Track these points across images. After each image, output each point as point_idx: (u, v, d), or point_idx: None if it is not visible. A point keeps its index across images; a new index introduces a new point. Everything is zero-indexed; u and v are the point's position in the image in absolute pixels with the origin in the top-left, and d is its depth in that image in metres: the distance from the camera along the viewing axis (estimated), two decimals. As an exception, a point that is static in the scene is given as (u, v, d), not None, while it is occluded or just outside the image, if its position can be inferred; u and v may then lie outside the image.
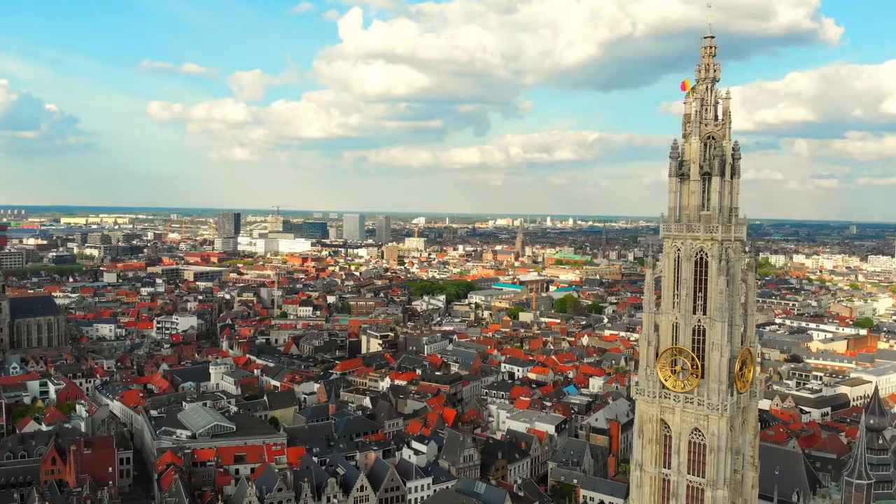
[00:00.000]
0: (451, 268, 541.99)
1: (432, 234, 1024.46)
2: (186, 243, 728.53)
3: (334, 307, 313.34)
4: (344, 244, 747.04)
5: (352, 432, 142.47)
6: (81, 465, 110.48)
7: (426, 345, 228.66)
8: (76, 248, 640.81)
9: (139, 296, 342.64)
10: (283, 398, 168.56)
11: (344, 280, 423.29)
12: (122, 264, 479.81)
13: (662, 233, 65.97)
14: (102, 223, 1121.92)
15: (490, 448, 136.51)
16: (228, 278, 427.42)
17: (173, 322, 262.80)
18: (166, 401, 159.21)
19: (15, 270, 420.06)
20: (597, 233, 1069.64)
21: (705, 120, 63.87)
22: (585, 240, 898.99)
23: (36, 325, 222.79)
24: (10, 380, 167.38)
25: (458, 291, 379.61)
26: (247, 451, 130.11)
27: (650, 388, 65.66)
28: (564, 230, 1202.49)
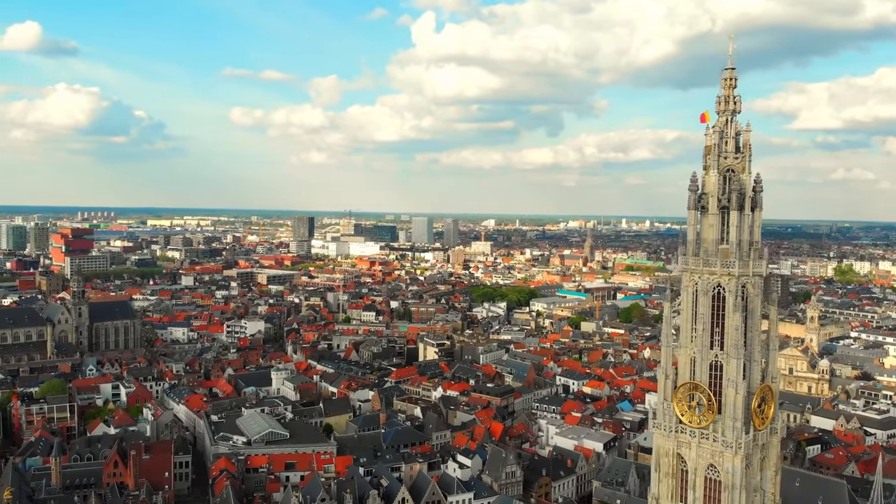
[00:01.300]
0: (516, 273, 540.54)
1: (501, 237, 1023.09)
2: (263, 246, 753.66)
3: (396, 313, 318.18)
4: (411, 248, 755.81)
5: (399, 443, 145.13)
6: (140, 469, 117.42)
7: (482, 354, 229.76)
8: (159, 250, 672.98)
9: (213, 299, 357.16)
10: (338, 405, 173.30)
11: (408, 284, 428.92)
12: (200, 267, 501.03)
13: (681, 266, 65.50)
14: (186, 225, 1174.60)
15: (535, 464, 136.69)
16: (299, 282, 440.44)
17: (242, 326, 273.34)
18: (227, 405, 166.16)
19: (99, 273, 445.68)
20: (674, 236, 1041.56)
21: (724, 153, 63.03)
22: (661, 243, 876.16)
23: (113, 329, 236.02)
24: (85, 382, 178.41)
25: (520, 298, 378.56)
26: (297, 459, 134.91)
27: (666, 423, 65.25)
28: (640, 233, 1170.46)
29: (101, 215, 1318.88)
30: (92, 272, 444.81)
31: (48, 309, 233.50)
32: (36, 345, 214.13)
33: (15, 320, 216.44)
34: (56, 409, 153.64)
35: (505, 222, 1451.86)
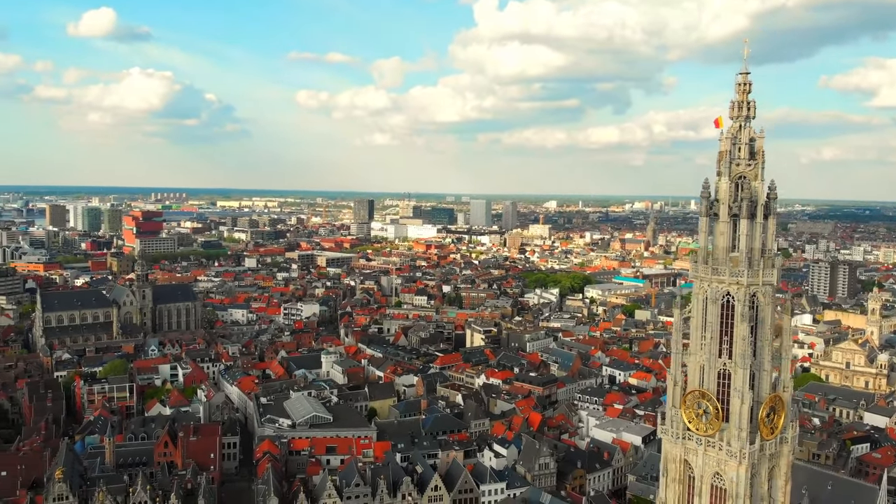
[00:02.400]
0: (573, 257, 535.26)
1: (562, 219, 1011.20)
2: (325, 228, 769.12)
3: (448, 297, 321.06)
4: (468, 231, 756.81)
5: (438, 429, 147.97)
6: (188, 450, 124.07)
7: (528, 342, 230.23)
8: (226, 231, 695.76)
9: (274, 281, 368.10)
10: (382, 390, 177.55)
11: (462, 268, 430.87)
12: (264, 249, 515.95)
13: (691, 273, 65.07)
14: (254, 206, 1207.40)
15: (570, 456, 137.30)
16: (357, 265, 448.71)
17: (298, 309, 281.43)
18: (278, 388, 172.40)
19: (167, 254, 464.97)
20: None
21: (737, 159, 62.09)
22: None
23: (175, 310, 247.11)
24: (145, 363, 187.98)
25: (574, 284, 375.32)
26: (338, 443, 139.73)
27: (674, 429, 65.34)
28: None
29: (174, 196, 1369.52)
30: (160, 254, 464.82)
31: (114, 291, 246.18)
32: (102, 325, 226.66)
33: (83, 302, 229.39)
34: (116, 389, 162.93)
35: (567, 204, 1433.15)
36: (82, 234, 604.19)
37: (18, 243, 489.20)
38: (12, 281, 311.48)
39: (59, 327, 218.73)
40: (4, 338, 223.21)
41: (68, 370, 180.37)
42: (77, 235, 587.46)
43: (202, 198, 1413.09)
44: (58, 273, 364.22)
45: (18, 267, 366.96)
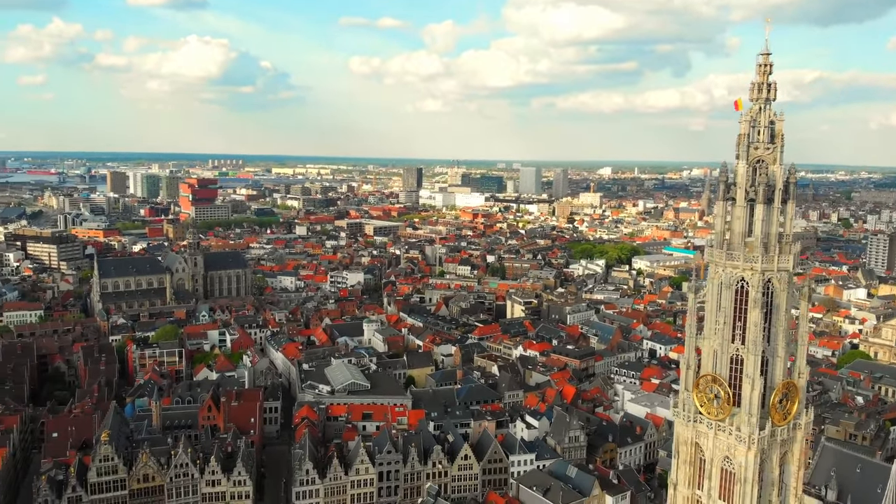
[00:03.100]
0: (623, 227, 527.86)
1: (615, 187, 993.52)
2: (375, 196, 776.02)
3: (491, 268, 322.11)
4: (516, 199, 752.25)
5: (472, 399, 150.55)
6: (229, 414, 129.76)
7: (569, 314, 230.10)
8: (280, 198, 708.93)
9: (323, 248, 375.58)
10: (421, 359, 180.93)
11: (508, 238, 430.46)
12: (315, 217, 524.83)
13: (706, 257, 64.63)
14: (307, 174, 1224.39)
15: (602, 430, 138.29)
16: (403, 233, 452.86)
17: (343, 277, 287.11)
18: (320, 354, 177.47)
19: (221, 222, 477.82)
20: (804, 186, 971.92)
21: (755, 143, 60.93)
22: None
23: (226, 277, 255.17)
24: (194, 329, 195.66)
25: (621, 255, 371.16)
26: (374, 410, 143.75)
27: (686, 412, 65.65)
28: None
29: (231, 163, 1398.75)
30: (215, 221, 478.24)
31: (168, 258, 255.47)
32: (156, 291, 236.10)
33: (138, 269, 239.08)
34: (166, 354, 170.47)
35: (622, 170, 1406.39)
36: (141, 200, 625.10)
37: (79, 210, 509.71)
38: (73, 247, 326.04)
39: (115, 293, 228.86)
40: (64, 302, 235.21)
41: (122, 335, 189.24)
42: (136, 202, 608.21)
43: (258, 165, 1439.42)
44: (116, 239, 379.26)
45: (79, 233, 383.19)
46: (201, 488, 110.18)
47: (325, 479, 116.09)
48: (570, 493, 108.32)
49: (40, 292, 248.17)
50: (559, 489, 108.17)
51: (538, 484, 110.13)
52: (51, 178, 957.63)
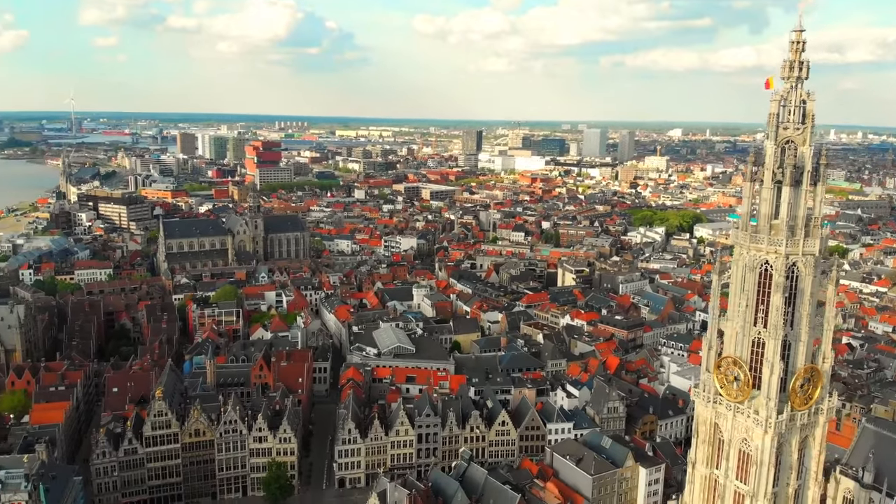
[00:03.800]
0: (688, 193, 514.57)
1: (684, 150, 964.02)
2: (434, 159, 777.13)
3: (545, 235, 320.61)
4: (578, 163, 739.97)
5: (514, 367, 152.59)
6: (279, 374, 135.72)
7: (621, 284, 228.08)
8: (341, 161, 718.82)
9: (380, 212, 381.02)
10: (467, 324, 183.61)
11: (565, 204, 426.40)
12: (374, 180, 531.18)
13: (732, 238, 63.86)
14: (369, 136, 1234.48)
15: (644, 401, 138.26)
16: (459, 198, 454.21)
17: (397, 242, 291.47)
18: (370, 317, 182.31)
19: (284, 184, 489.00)
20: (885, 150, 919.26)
21: (784, 123, 59.40)
22: (868, 160, 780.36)
23: (285, 240, 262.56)
24: (252, 290, 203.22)
25: (683, 223, 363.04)
26: (417, 374, 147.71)
27: (706, 393, 65.74)
28: (848, 146, 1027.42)
29: (296, 125, 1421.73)
30: (278, 183, 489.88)
31: (230, 220, 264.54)
32: (219, 252, 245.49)
33: (201, 230, 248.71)
34: (224, 314, 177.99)
35: (692, 132, 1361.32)
36: (209, 162, 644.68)
37: (150, 171, 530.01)
38: (141, 208, 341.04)
39: (179, 253, 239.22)
40: (132, 262, 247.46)
41: (185, 294, 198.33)
42: (204, 163, 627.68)
43: (322, 126, 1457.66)
44: (184, 200, 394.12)
45: (148, 194, 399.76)
46: (249, 444, 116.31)
47: (366, 438, 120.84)
48: (602, 463, 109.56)
49: (110, 251, 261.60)
50: (592, 459, 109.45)
51: (571, 453, 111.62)
52: (125, 138, 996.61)
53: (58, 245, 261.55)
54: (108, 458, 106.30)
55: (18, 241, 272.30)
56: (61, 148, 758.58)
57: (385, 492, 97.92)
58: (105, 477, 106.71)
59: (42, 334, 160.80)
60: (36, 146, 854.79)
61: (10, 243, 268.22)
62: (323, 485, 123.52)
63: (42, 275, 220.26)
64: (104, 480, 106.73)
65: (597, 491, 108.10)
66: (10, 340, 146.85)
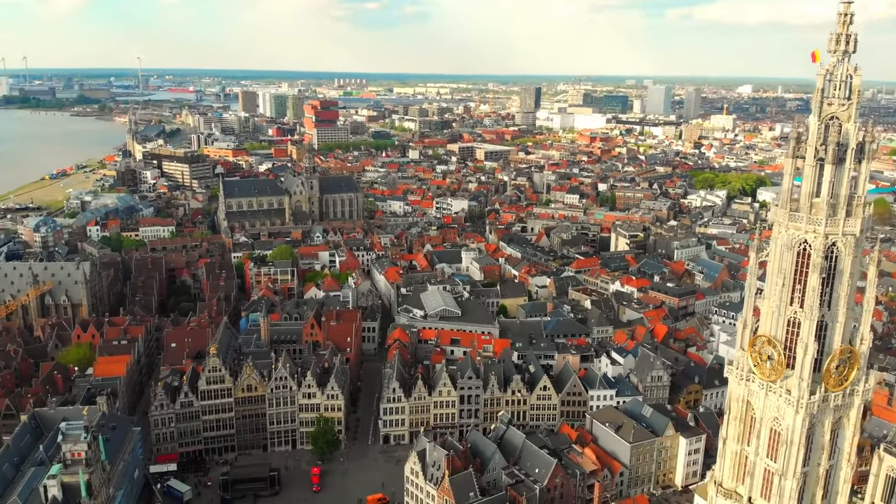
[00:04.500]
0: (754, 154, 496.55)
1: (754, 108, 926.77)
2: (491, 118, 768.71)
3: (601, 197, 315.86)
4: (641, 121, 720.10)
5: (559, 332, 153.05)
6: (329, 333, 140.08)
7: (676, 249, 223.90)
8: (398, 119, 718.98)
9: (433, 173, 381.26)
10: (514, 289, 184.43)
11: (624, 165, 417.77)
12: (429, 140, 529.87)
13: (771, 215, 62.50)
14: (426, 93, 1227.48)
15: (690, 371, 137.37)
16: (514, 158, 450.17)
17: (448, 204, 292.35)
18: (418, 279, 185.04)
19: (341, 144, 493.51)
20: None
21: (829, 98, 57.28)
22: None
23: (340, 200, 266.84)
24: (307, 250, 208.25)
25: (746, 186, 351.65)
26: (462, 337, 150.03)
27: (739, 370, 65.30)
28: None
29: (354, 82, 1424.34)
30: (335, 143, 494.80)
31: (287, 181, 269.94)
32: (276, 212, 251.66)
33: (259, 190, 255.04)
34: (280, 272, 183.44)
35: (763, 89, 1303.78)
36: (269, 120, 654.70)
37: (212, 130, 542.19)
38: (203, 166, 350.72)
39: (238, 212, 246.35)
40: (193, 219, 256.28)
41: (244, 252, 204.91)
42: (265, 121, 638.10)
43: (380, 84, 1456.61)
44: (244, 159, 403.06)
45: (210, 153, 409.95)
46: (298, 400, 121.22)
47: (410, 398, 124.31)
48: (641, 431, 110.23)
49: (173, 209, 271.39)
50: (631, 427, 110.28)
51: (611, 420, 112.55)
52: (189, 96, 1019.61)
53: (123, 202, 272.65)
54: (166, 410, 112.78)
55: (86, 197, 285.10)
56: (128, 105, 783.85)
57: (425, 451, 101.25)
58: (162, 428, 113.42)
59: (107, 290, 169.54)
60: (104, 103, 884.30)
61: (79, 200, 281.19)
62: (368, 440, 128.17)
63: (108, 231, 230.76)
64: (161, 431, 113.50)
65: (635, 459, 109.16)
66: (77, 295, 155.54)
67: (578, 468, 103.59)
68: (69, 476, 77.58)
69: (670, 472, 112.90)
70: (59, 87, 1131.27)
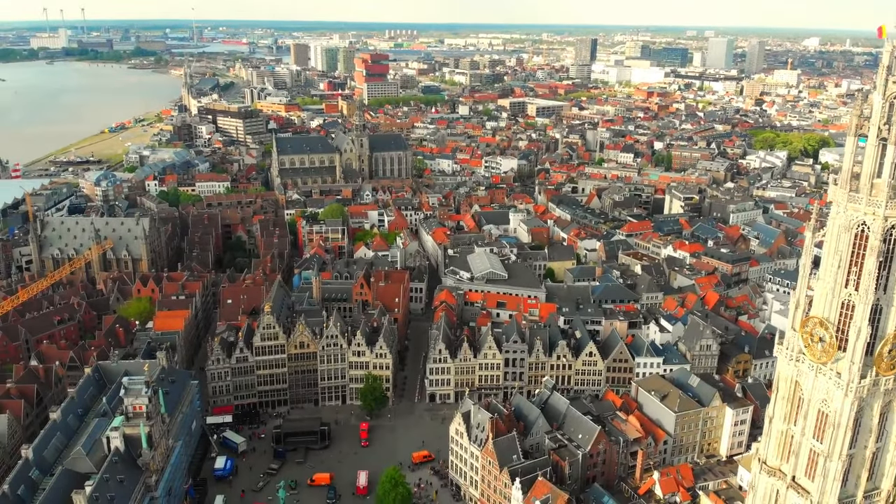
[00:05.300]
0: (818, 113, 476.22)
1: (820, 62, 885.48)
2: (544, 70, 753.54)
3: (656, 157, 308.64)
4: (701, 75, 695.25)
5: (607, 298, 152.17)
6: (377, 292, 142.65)
7: (732, 213, 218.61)
8: (448, 73, 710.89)
9: (483, 130, 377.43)
10: (562, 252, 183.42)
11: (682, 122, 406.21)
12: (479, 95, 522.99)
13: (830, 194, 60.64)
14: (478, 44, 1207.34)
15: (740, 340, 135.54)
16: (567, 114, 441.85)
17: (497, 163, 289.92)
18: (465, 241, 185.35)
19: (390, 99, 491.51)
20: None
21: (895, 76, 54.75)
22: None
23: (389, 159, 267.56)
24: (357, 208, 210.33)
25: (808, 147, 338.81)
26: (508, 300, 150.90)
27: (789, 350, 64.39)
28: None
29: (405, 34, 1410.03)
30: (385, 98, 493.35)
31: (338, 138, 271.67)
32: (327, 169, 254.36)
33: (311, 147, 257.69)
34: (331, 231, 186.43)
35: (831, 41, 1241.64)
36: (321, 74, 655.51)
37: (264, 84, 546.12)
38: (257, 121, 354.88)
39: (291, 169, 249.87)
40: (247, 175, 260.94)
41: (296, 209, 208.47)
42: (316, 75, 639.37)
43: (431, 34, 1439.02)
44: (296, 114, 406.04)
45: (263, 107, 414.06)
46: (348, 357, 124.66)
47: (455, 359, 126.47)
48: (687, 401, 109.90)
49: (227, 164, 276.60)
50: (677, 397, 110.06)
51: (657, 389, 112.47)
52: (242, 48, 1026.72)
53: (180, 157, 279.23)
54: (222, 365, 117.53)
55: (145, 152, 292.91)
56: (183, 58, 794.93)
57: (469, 413, 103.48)
58: (219, 381, 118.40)
59: (165, 245, 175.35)
60: (160, 56, 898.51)
61: (138, 154, 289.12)
62: (415, 398, 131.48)
63: (166, 186, 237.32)
64: (218, 384, 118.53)
65: (679, 428, 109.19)
66: (137, 250, 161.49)
67: (622, 435, 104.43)
68: (131, 428, 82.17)
69: (715, 442, 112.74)
70: (116, 39, 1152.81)
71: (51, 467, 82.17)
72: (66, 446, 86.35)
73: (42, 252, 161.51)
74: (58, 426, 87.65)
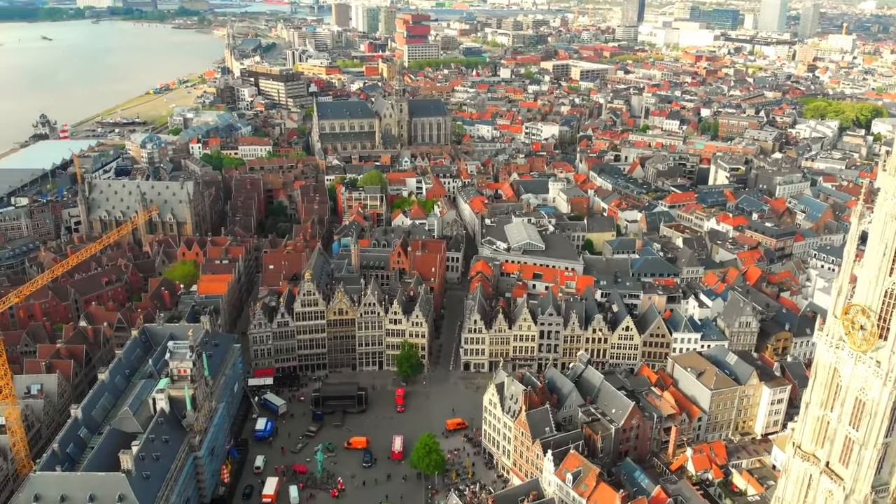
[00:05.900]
0: (872, 81, 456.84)
1: (876, 26, 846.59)
2: (589, 31, 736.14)
3: (703, 124, 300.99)
4: (752, 39, 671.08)
5: (646, 271, 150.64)
6: (414, 262, 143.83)
7: (778, 185, 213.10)
8: (490, 34, 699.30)
9: (524, 94, 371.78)
10: (602, 223, 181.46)
11: (731, 88, 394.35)
12: (522, 57, 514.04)
13: (878, 179, 58.97)
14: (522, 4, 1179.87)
15: (781, 317, 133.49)
16: (612, 78, 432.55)
17: (538, 129, 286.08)
18: (503, 210, 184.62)
19: (431, 62, 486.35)
20: None
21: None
22: None
23: (428, 124, 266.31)
24: (395, 176, 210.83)
25: (860, 116, 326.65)
26: (544, 272, 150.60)
27: (829, 337, 63.48)
28: None
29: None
30: (425, 61, 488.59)
31: (377, 103, 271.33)
32: (367, 135, 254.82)
33: (351, 112, 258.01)
34: (370, 198, 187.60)
35: (888, 5, 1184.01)
36: (361, 35, 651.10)
37: (306, 45, 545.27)
38: (298, 84, 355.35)
39: (331, 133, 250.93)
40: (289, 139, 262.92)
41: (336, 175, 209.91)
42: (357, 36, 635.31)
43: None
44: (337, 77, 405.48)
45: (304, 70, 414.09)
46: (385, 325, 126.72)
47: (490, 329, 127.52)
48: (723, 379, 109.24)
49: (269, 128, 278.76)
50: (713, 374, 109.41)
51: (693, 365, 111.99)
52: (283, 7, 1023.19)
53: (223, 120, 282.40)
54: (264, 329, 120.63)
55: (188, 114, 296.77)
56: (226, 18, 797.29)
57: (503, 384, 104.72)
58: (260, 345, 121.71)
59: (209, 208, 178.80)
60: (203, 15, 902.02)
61: (182, 117, 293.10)
62: (450, 366, 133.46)
63: (209, 149, 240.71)
64: (259, 348, 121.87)
65: (714, 405, 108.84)
66: (182, 214, 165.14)
67: (656, 411, 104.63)
68: (176, 390, 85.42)
69: (751, 420, 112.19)
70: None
71: (99, 426, 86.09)
72: (113, 406, 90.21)
73: (90, 214, 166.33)
74: (105, 386, 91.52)
